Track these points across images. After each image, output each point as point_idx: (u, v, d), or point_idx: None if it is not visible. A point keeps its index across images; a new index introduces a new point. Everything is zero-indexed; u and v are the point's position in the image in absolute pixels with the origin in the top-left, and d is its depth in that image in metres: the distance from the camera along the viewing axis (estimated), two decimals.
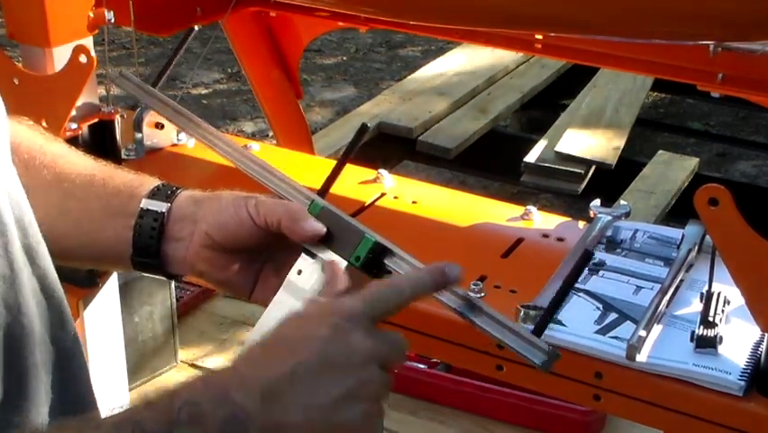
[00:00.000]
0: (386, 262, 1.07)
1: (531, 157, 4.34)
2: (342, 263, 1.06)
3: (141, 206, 1.11)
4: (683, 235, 1.63)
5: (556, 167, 4.28)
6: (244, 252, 1.10)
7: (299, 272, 1.07)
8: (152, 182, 1.14)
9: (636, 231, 1.68)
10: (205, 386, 0.88)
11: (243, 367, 0.90)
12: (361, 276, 1.06)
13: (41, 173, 1.14)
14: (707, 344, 1.37)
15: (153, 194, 1.12)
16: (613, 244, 1.64)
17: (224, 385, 0.88)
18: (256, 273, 1.11)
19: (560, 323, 1.44)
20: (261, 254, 1.11)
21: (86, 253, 1.14)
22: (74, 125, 1.82)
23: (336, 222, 1.08)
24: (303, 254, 1.07)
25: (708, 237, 1.55)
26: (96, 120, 1.86)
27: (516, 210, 1.77)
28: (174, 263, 1.12)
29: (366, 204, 1.77)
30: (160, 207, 1.10)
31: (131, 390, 2.37)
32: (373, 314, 0.93)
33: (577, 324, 1.44)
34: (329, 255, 1.07)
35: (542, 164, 4.31)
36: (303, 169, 1.87)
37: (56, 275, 1.02)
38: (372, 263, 1.06)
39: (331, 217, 1.08)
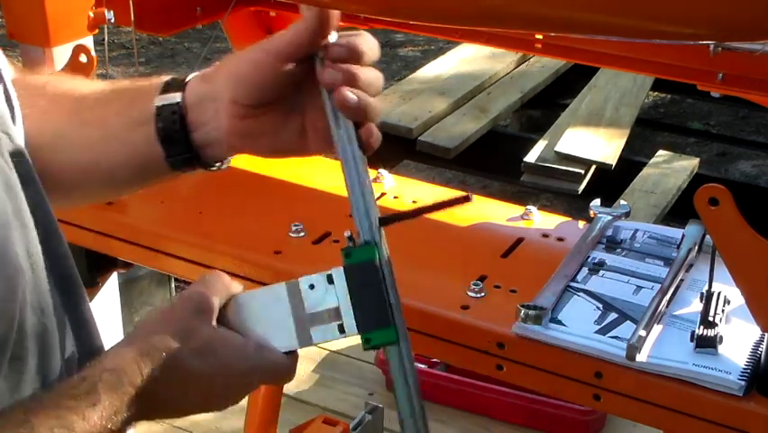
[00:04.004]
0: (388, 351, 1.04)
1: (531, 157, 4.35)
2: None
3: (155, 104, 1.05)
4: (683, 235, 1.63)
5: (556, 167, 4.29)
6: (277, 106, 1.03)
7: (311, 286, 1.04)
8: (163, 80, 1.09)
9: (636, 231, 1.68)
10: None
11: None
12: None
13: (63, 108, 1.11)
14: (707, 344, 1.37)
15: (164, 90, 1.06)
16: (613, 244, 1.64)
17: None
18: (300, 127, 1.04)
19: (560, 323, 1.44)
20: (295, 106, 1.04)
21: (127, 172, 1.10)
22: None
23: (377, 284, 1.01)
24: (324, 275, 1.03)
25: (708, 237, 1.55)
26: None
27: (516, 210, 1.77)
28: (211, 148, 1.06)
29: None
30: (173, 98, 1.05)
31: None
32: None
33: (577, 324, 1.44)
34: (348, 310, 1.02)
35: (542, 164, 4.31)
36: (303, 168, 1.87)
37: (77, 275, 1.03)
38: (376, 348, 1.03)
39: (374, 276, 1.01)
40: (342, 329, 1.03)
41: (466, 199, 1.06)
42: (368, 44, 1.00)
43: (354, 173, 1.02)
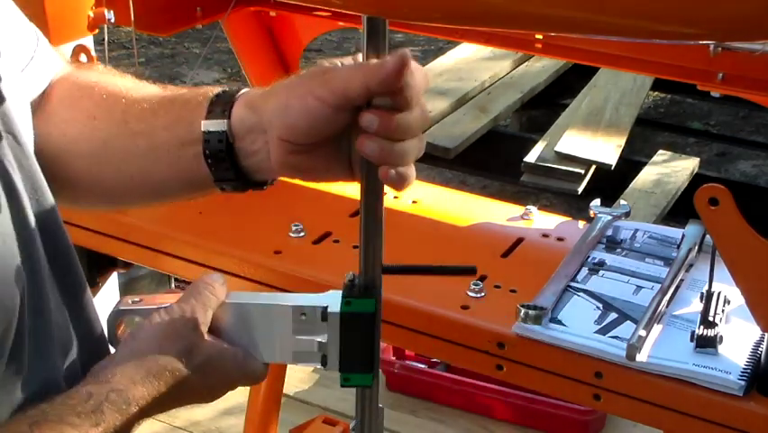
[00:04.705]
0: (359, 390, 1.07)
1: (531, 157, 4.35)
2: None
3: (202, 129, 1.05)
4: (683, 235, 1.63)
5: (556, 167, 4.29)
6: (327, 141, 1.02)
7: (303, 314, 1.05)
8: (209, 96, 1.08)
9: (636, 231, 1.68)
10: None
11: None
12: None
13: (112, 115, 1.11)
14: (707, 344, 1.37)
15: (210, 112, 1.06)
16: (613, 244, 1.64)
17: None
18: (347, 155, 1.04)
19: (560, 323, 1.44)
20: (344, 136, 1.02)
21: (176, 185, 1.12)
22: None
23: (368, 333, 1.04)
24: (317, 307, 1.05)
25: (708, 237, 1.55)
26: None
27: (516, 210, 1.77)
28: (260, 174, 1.08)
29: None
30: (219, 126, 1.05)
31: None
32: None
33: (577, 324, 1.44)
34: (334, 348, 1.04)
35: (542, 164, 4.32)
36: None
37: (81, 275, 1.03)
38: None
39: (368, 326, 1.04)
40: (324, 362, 1.06)
41: (472, 272, 1.10)
42: (415, 87, 0.98)
43: (371, 220, 1.04)
